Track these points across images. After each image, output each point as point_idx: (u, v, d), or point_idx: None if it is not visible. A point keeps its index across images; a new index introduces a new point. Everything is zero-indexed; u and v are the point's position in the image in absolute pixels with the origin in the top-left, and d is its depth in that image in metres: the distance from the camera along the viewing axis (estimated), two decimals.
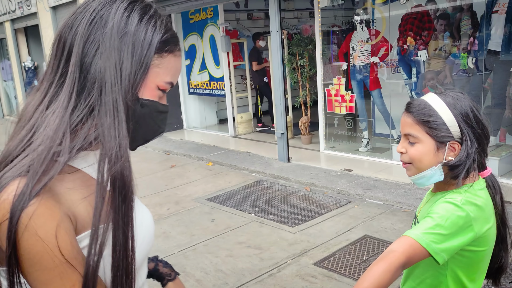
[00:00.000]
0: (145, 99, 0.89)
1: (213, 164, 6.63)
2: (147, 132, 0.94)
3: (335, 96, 6.30)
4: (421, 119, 1.24)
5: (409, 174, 1.32)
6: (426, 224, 1.18)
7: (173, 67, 0.93)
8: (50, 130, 0.82)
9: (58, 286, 0.79)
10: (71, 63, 0.85)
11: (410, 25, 5.75)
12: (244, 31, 9.34)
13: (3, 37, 13.38)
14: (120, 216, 0.85)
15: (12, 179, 0.78)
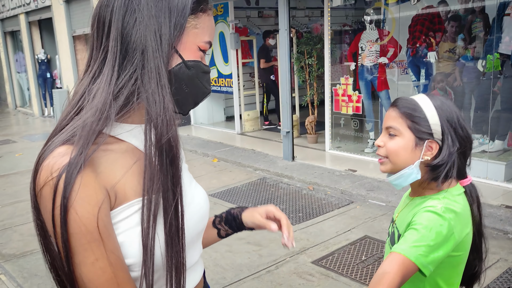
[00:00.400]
0: (190, 61, 0.91)
1: (218, 160, 6.64)
2: (197, 94, 0.95)
3: (342, 96, 6.28)
4: (405, 112, 1.24)
5: (383, 169, 1.30)
6: (412, 237, 1.16)
7: (209, 26, 0.95)
8: (98, 102, 0.85)
9: (80, 258, 0.81)
10: (111, 37, 0.87)
11: (420, 26, 5.71)
12: (254, 28, 9.35)
13: (18, 30, 13.53)
14: (169, 178, 0.87)
15: (58, 145, 0.82)
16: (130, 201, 0.87)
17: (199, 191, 1.05)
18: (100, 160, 0.85)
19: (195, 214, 0.99)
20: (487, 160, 5.03)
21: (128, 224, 0.86)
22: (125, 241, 0.86)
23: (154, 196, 0.85)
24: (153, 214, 0.85)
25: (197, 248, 1.04)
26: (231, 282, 3.32)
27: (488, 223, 3.95)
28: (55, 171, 0.79)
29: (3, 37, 14.63)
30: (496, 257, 3.44)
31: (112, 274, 0.83)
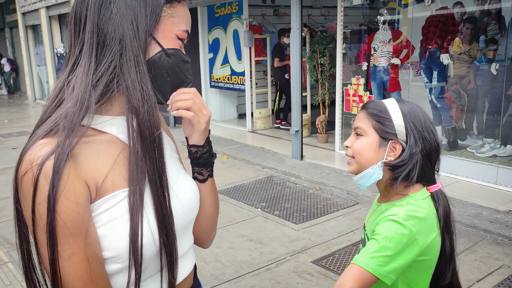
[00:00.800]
0: (170, 49, 0.93)
1: (227, 157, 6.68)
2: (177, 81, 0.97)
3: (353, 96, 6.24)
4: (371, 113, 1.27)
5: (350, 169, 1.33)
6: (372, 247, 1.18)
7: (185, 16, 0.98)
8: (78, 93, 0.87)
9: (57, 251, 0.82)
10: (87, 30, 0.89)
11: (434, 28, 5.64)
12: (269, 27, 9.34)
13: (38, 24, 13.77)
14: (154, 164, 0.89)
15: (39, 138, 0.84)
16: (112, 192, 0.87)
17: (188, 182, 1.06)
18: (81, 152, 0.86)
19: (184, 204, 1.00)
20: (497, 165, 4.96)
21: (111, 215, 0.87)
22: (107, 233, 0.86)
23: (139, 184, 0.87)
24: (141, 201, 0.87)
25: (187, 238, 1.06)
26: (230, 278, 3.34)
27: (493, 228, 3.90)
28: (35, 162, 0.81)
29: (24, 30, 14.91)
30: (499, 264, 3.40)
31: (87, 268, 0.83)
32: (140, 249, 0.86)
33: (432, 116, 5.79)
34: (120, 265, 0.88)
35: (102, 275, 0.86)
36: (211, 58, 8.98)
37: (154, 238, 0.89)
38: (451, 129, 5.68)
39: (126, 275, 0.89)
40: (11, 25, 16.72)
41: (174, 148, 1.11)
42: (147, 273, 0.93)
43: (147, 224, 0.89)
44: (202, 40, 9.00)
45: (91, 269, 0.84)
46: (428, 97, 5.88)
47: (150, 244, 0.89)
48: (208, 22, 8.86)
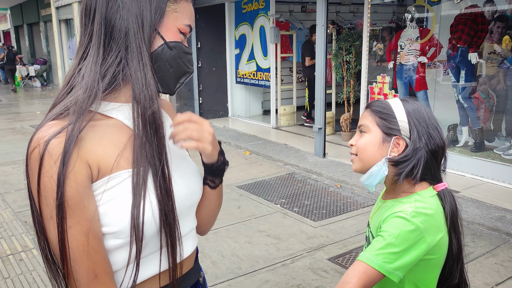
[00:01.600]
0: (172, 42, 0.99)
1: (250, 153, 6.72)
2: (179, 72, 1.02)
3: (378, 94, 6.17)
4: (375, 110, 1.28)
5: (354, 168, 1.33)
6: (378, 244, 1.17)
7: (188, 11, 1.03)
8: (88, 81, 0.94)
9: (54, 225, 0.89)
10: (95, 22, 0.96)
11: (463, 26, 5.52)
12: (296, 23, 9.32)
13: (71, 18, 14.11)
14: (154, 148, 0.96)
15: (49, 120, 0.93)
16: (116, 172, 0.94)
17: (190, 167, 1.12)
18: (86, 134, 0.93)
19: (185, 188, 1.06)
20: None
21: (114, 193, 0.93)
22: (110, 209, 0.93)
23: (142, 166, 0.94)
24: (143, 181, 0.94)
25: (189, 220, 1.11)
26: (246, 272, 3.38)
27: None
28: (42, 139, 0.89)
29: (57, 24, 15.30)
30: None
31: (83, 241, 0.90)
32: (141, 226, 0.93)
33: (459, 117, 5.69)
34: (122, 240, 0.94)
35: (99, 249, 0.92)
36: (237, 54, 9.03)
37: (154, 216, 0.95)
38: (478, 130, 5.56)
39: (127, 251, 0.95)
40: (45, 19, 17.18)
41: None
42: (147, 250, 0.99)
43: (149, 203, 0.95)
44: (229, 35, 9.06)
45: (88, 242, 0.90)
46: (455, 97, 5.77)
47: (150, 222, 0.95)
48: (235, 18, 8.91)
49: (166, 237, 0.98)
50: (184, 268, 1.10)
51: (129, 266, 0.95)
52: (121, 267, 0.98)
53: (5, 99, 14.34)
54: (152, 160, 0.95)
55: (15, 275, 3.39)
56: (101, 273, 0.93)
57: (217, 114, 9.26)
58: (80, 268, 0.90)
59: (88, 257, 0.91)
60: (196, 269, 1.18)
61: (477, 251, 3.60)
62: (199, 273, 1.20)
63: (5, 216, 4.52)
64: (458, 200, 1.30)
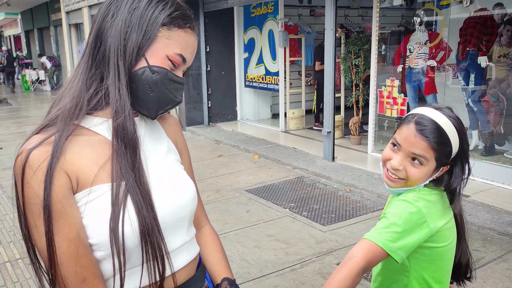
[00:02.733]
0: (155, 66, 1.00)
1: (258, 157, 6.72)
2: (162, 99, 1.03)
3: (387, 98, 6.15)
4: (437, 148, 1.23)
5: (393, 186, 1.30)
6: (381, 224, 1.22)
7: (183, 41, 1.03)
8: (75, 91, 0.99)
9: (39, 233, 0.93)
10: (91, 35, 1.01)
11: (472, 29, 5.49)
12: (305, 27, 9.31)
13: (81, 22, 14.23)
14: (127, 163, 0.98)
15: (34, 134, 0.97)
16: (95, 185, 0.96)
17: (179, 182, 1.12)
18: (67, 146, 0.96)
19: (172, 201, 1.07)
20: None
21: (93, 207, 0.96)
22: (90, 223, 0.95)
23: (120, 180, 0.96)
24: (123, 195, 0.96)
25: (180, 235, 1.11)
26: (254, 277, 3.38)
27: None
28: (24, 152, 0.93)
29: (67, 29, 15.44)
30: None
31: (68, 247, 0.92)
32: (121, 239, 0.94)
33: (468, 120, 5.65)
34: (103, 252, 0.97)
35: (85, 254, 0.94)
36: (246, 58, 9.05)
37: (134, 230, 0.96)
38: (488, 133, 5.52)
39: (110, 263, 0.97)
40: (55, 24, 17.35)
41: (173, 150, 1.18)
42: (131, 263, 1.00)
43: (128, 217, 0.96)
44: (237, 39, 9.08)
45: (74, 247, 0.93)
46: (465, 100, 5.73)
47: (130, 235, 0.96)
48: (244, 22, 8.93)
49: (147, 251, 0.98)
50: (181, 278, 1.11)
51: (115, 277, 0.97)
52: (108, 277, 1.00)
53: (15, 103, 14.49)
54: (126, 174, 0.97)
55: (24, 279, 3.42)
56: (89, 277, 0.95)
57: (226, 117, 9.27)
58: (68, 273, 0.93)
59: (76, 262, 0.93)
60: (198, 278, 1.18)
61: (488, 256, 3.56)
62: (202, 281, 1.19)
63: (15, 221, 4.55)
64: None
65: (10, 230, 4.31)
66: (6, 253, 3.84)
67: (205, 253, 1.25)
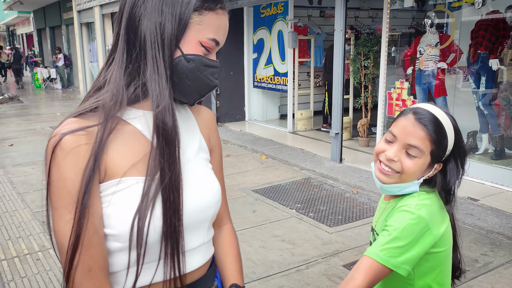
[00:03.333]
0: (190, 54, 0.98)
1: (266, 157, 6.71)
2: (200, 86, 1.01)
3: (396, 100, 6.12)
4: (436, 139, 1.20)
5: (386, 181, 1.26)
6: (383, 239, 1.17)
7: (215, 24, 0.99)
8: (113, 88, 0.97)
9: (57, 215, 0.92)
10: (122, 27, 0.98)
11: (483, 32, 5.44)
12: (315, 28, 9.30)
13: (92, 21, 14.33)
14: (165, 159, 0.96)
15: (70, 117, 0.96)
16: (124, 177, 0.95)
17: (208, 183, 1.10)
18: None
19: (197, 201, 1.05)
20: None
21: (119, 198, 0.94)
22: (113, 213, 0.94)
23: (153, 175, 0.95)
24: (154, 191, 0.94)
25: (199, 235, 1.09)
26: (260, 277, 3.37)
27: None
28: (58, 134, 0.92)
29: (79, 27, 15.55)
30: None
31: (76, 232, 0.90)
32: (145, 233, 0.93)
33: (479, 124, 5.60)
34: (121, 244, 0.95)
35: (97, 244, 0.93)
36: (255, 58, 9.05)
37: (155, 226, 0.95)
38: (499, 137, 5.46)
39: (126, 255, 0.96)
40: (67, 22, 17.49)
41: (204, 148, 1.14)
42: (148, 258, 0.98)
43: (153, 212, 0.95)
44: (247, 40, 9.09)
45: (86, 235, 0.91)
46: (475, 103, 5.68)
47: (152, 231, 0.95)
48: (253, 23, 8.94)
49: (166, 248, 0.97)
50: (193, 277, 1.10)
51: (130, 269, 0.96)
52: (121, 269, 0.98)
53: (27, 100, 14.62)
54: (162, 171, 0.95)
55: (31, 274, 3.44)
56: (96, 268, 0.93)
57: (234, 118, 9.28)
58: (75, 260, 0.91)
59: (85, 251, 0.91)
60: (208, 278, 1.16)
61: (496, 261, 3.53)
62: (212, 281, 1.17)
63: (23, 216, 4.59)
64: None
65: (19, 225, 4.35)
66: (14, 248, 3.87)
67: (219, 252, 1.22)
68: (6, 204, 4.95)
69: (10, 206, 4.89)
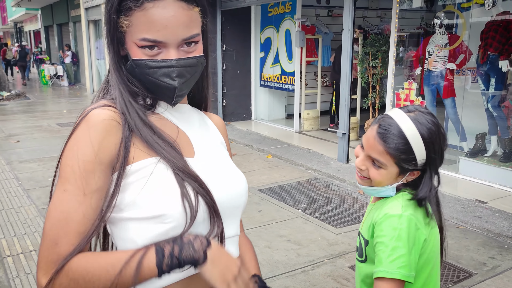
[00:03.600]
0: (134, 59, 0.97)
1: (272, 157, 6.69)
2: (158, 89, 0.99)
3: (404, 100, 6.06)
4: (395, 154, 1.20)
5: (362, 183, 1.30)
6: (384, 253, 1.16)
7: (145, 22, 0.93)
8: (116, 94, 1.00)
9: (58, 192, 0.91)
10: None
11: (494, 33, 5.38)
12: (323, 27, 9.25)
13: (100, 19, 14.35)
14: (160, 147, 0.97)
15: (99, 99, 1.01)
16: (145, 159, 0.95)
17: (235, 171, 1.11)
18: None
19: (227, 187, 1.04)
20: None
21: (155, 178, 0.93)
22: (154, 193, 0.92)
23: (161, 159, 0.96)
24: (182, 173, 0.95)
25: (231, 225, 1.06)
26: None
27: None
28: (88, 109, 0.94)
29: (86, 25, 15.58)
30: None
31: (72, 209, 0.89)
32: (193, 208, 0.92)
33: (487, 125, 5.55)
34: (169, 225, 0.91)
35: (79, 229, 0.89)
36: (262, 57, 9.02)
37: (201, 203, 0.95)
38: (508, 139, 5.41)
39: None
40: (74, 20, 17.53)
41: (224, 145, 1.17)
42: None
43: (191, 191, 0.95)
44: (254, 39, 9.06)
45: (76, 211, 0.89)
46: (484, 105, 5.63)
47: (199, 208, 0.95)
48: (261, 21, 8.91)
49: (212, 225, 0.96)
50: None
51: None
52: None
53: (34, 97, 14.67)
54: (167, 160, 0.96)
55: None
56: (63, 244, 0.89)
57: (240, 117, 9.26)
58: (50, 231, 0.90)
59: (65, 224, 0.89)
60: None
61: (505, 264, 3.48)
62: None
63: (29, 213, 4.60)
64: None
65: (25, 222, 4.35)
66: (20, 244, 3.87)
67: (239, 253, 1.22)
68: (12, 200, 4.96)
69: (16, 202, 4.90)
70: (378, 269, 1.15)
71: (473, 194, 4.77)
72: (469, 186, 5.12)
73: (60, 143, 0.89)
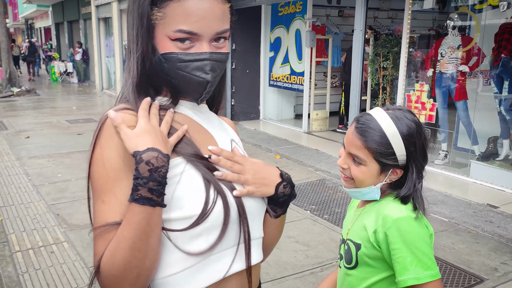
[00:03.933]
0: (164, 53, 0.93)
1: (280, 157, 6.66)
2: (188, 84, 0.96)
3: (416, 102, 6.01)
4: (373, 147, 1.20)
5: (346, 186, 1.30)
6: (406, 260, 1.16)
7: (180, 13, 0.91)
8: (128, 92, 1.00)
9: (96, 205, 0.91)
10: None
11: (508, 35, 5.31)
12: (333, 27, 9.21)
13: (110, 16, 14.40)
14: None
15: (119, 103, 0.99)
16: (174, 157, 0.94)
17: None
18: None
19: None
20: None
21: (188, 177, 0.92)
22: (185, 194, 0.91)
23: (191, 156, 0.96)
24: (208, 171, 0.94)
25: (256, 225, 1.04)
26: (273, 278, 3.33)
27: None
28: (107, 113, 0.92)
29: (96, 22, 15.65)
30: None
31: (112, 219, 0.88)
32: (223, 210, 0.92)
33: (500, 129, 5.48)
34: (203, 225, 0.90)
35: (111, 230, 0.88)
36: (272, 57, 9.00)
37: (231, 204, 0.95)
38: None
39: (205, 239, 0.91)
40: (85, 17, 17.61)
41: (240, 145, 1.15)
42: (223, 245, 0.95)
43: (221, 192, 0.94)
44: (264, 38, 9.04)
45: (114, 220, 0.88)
46: (497, 108, 5.56)
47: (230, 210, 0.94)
48: (271, 21, 8.88)
49: (243, 229, 0.95)
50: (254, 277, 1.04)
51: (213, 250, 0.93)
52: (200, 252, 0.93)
53: (43, 93, 14.75)
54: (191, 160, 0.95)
55: (45, 267, 3.44)
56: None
57: (248, 116, 9.24)
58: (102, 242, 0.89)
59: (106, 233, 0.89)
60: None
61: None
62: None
63: (38, 208, 4.61)
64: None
65: (34, 217, 4.36)
66: (29, 240, 3.88)
67: None
68: (21, 195, 4.98)
69: (25, 198, 4.91)
70: (406, 277, 1.15)
71: (485, 198, 4.71)
72: (480, 190, 5.06)
73: (69, 140, 0.88)
